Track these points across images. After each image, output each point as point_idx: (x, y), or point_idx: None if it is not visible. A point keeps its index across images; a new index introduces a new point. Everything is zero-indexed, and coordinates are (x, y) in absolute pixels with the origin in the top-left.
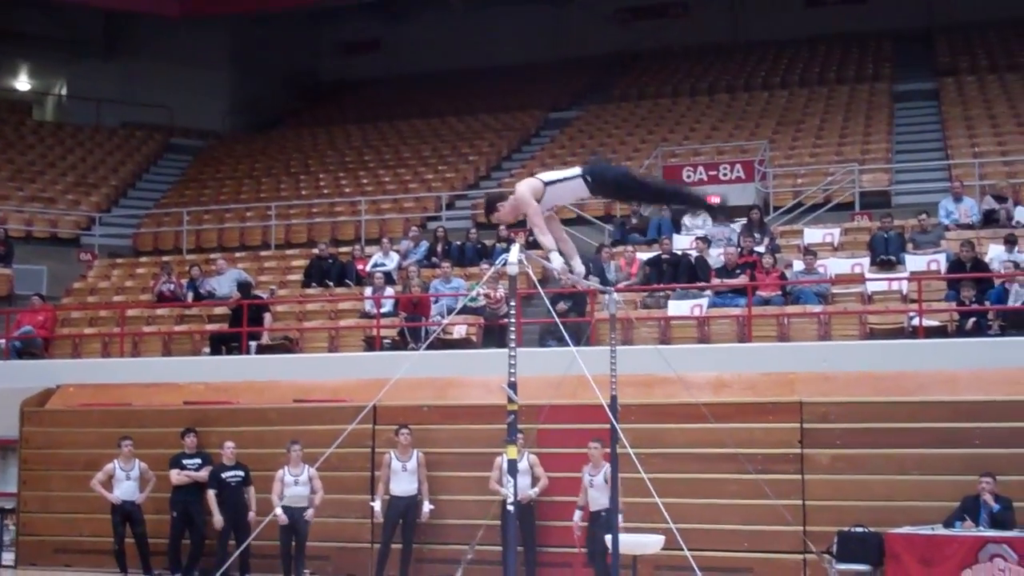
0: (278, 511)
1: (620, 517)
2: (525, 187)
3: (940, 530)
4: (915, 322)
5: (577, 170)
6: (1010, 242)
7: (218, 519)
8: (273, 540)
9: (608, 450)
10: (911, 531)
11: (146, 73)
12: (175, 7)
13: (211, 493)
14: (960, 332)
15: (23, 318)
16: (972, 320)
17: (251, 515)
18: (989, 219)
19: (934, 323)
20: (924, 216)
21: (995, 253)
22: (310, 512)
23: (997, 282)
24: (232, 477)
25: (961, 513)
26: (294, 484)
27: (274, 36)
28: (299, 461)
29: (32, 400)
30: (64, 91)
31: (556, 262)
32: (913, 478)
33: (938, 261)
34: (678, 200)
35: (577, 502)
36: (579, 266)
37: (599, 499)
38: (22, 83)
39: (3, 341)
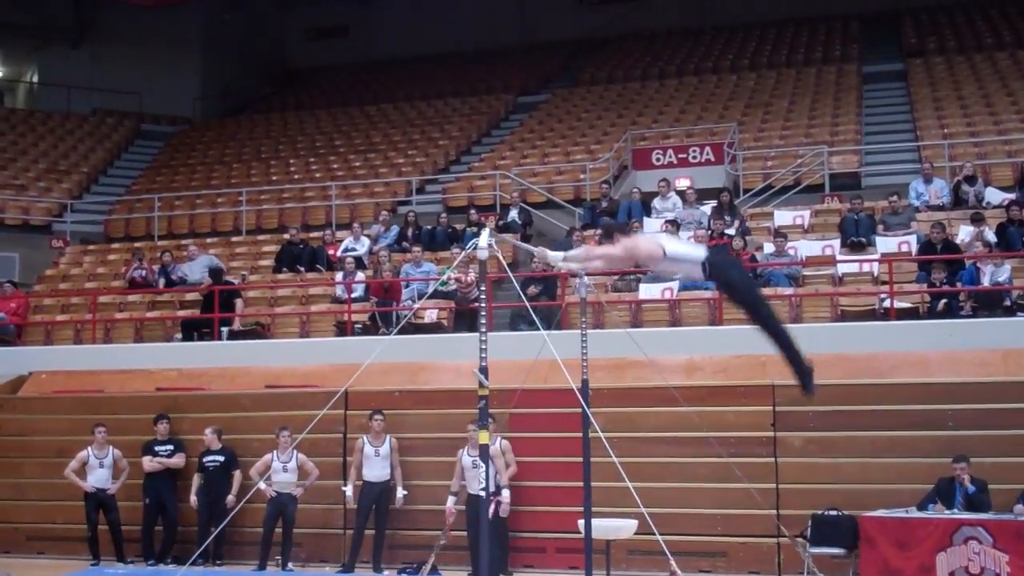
0: (262, 485)
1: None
2: (645, 247)
3: (914, 513)
4: (886, 304)
5: (701, 254)
6: (977, 220)
7: (191, 500)
8: (255, 527)
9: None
10: (885, 514)
11: (116, 59)
12: None
13: (196, 476)
14: (932, 313)
15: None
16: (943, 301)
17: (229, 498)
18: (959, 200)
19: (905, 305)
20: (894, 197)
21: (965, 233)
22: (299, 491)
23: (968, 263)
24: (211, 462)
25: (935, 495)
26: (282, 471)
27: (243, 22)
28: (287, 447)
29: (4, 387)
30: (35, 78)
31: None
32: (886, 460)
33: (909, 242)
34: (764, 326)
35: (450, 487)
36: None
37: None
38: None
39: None
